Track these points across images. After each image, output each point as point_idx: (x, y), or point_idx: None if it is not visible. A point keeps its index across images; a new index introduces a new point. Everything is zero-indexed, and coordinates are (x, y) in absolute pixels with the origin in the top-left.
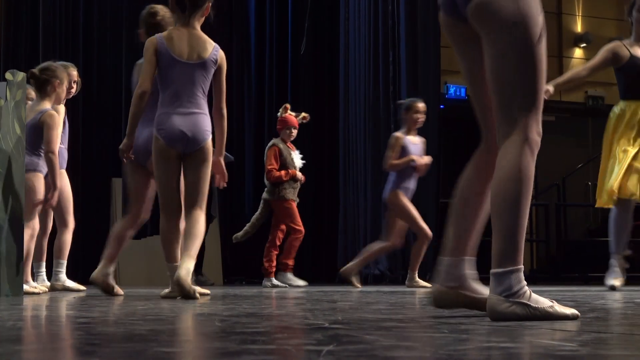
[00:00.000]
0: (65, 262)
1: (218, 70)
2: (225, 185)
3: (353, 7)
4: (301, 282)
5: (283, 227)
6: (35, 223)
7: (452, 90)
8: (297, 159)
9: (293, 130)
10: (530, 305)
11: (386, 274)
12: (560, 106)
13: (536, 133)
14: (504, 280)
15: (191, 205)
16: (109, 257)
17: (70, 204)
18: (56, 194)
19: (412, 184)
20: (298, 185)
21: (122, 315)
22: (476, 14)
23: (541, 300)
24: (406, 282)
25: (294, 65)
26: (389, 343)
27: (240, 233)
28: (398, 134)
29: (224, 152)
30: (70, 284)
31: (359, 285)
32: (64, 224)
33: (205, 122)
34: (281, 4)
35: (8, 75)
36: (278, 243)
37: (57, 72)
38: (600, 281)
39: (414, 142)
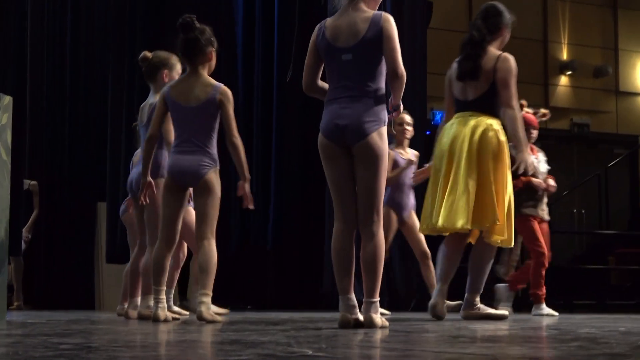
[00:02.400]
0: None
1: (220, 107)
2: (252, 207)
3: None
4: (553, 312)
5: (540, 246)
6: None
7: (438, 116)
8: (538, 163)
9: (533, 131)
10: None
11: None
12: (545, 133)
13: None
14: (376, 305)
15: (199, 236)
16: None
17: (185, 235)
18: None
19: (404, 199)
20: (542, 196)
21: (105, 342)
22: (364, 148)
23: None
24: None
25: (279, 92)
26: None
27: (501, 266)
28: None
29: (247, 177)
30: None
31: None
32: (178, 256)
33: (204, 158)
34: (267, 28)
35: None
36: (545, 264)
37: None
38: (586, 309)
39: (404, 157)
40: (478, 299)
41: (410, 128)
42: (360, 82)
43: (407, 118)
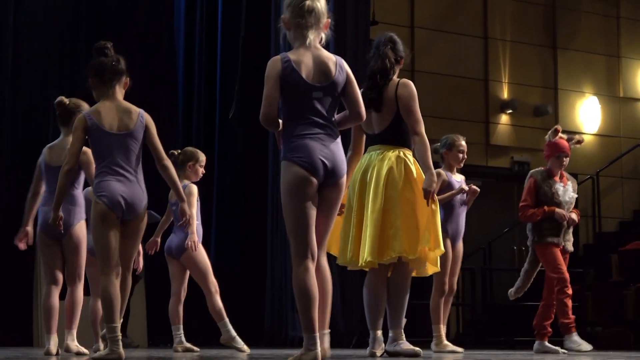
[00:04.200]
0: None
1: (147, 133)
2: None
3: None
4: (588, 347)
5: (562, 272)
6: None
7: None
8: (564, 192)
9: (564, 159)
10: None
11: None
12: (486, 171)
13: None
14: (328, 336)
15: (124, 266)
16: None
17: (207, 271)
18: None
19: (454, 224)
20: (566, 225)
21: None
22: (337, 187)
23: None
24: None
25: (221, 129)
26: None
27: (513, 289)
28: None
29: (184, 197)
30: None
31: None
32: (208, 290)
33: (142, 191)
34: (210, 66)
35: None
36: (568, 292)
37: (193, 155)
38: (526, 345)
39: (458, 180)
40: (402, 333)
41: (465, 156)
42: (327, 118)
43: (465, 145)
